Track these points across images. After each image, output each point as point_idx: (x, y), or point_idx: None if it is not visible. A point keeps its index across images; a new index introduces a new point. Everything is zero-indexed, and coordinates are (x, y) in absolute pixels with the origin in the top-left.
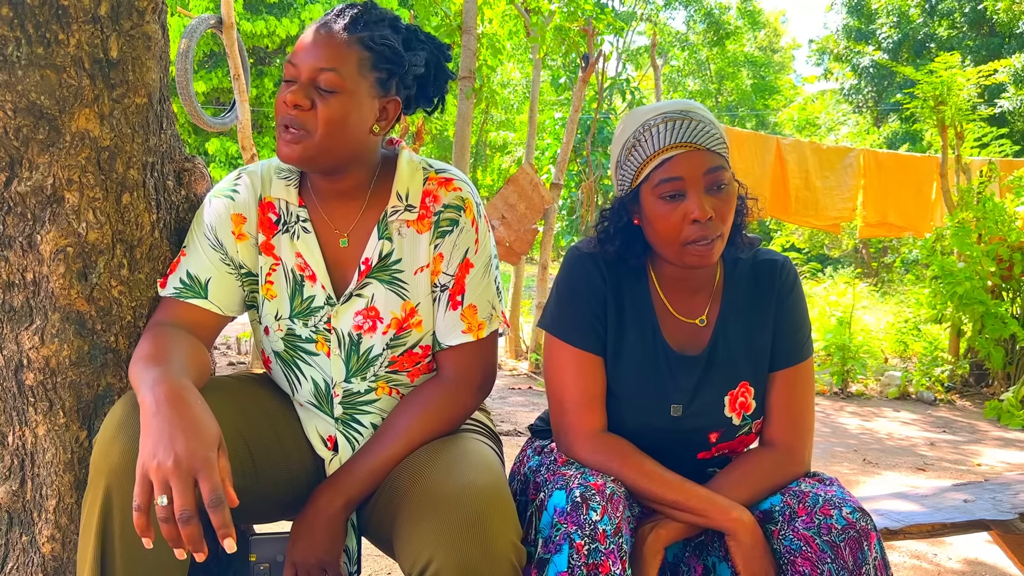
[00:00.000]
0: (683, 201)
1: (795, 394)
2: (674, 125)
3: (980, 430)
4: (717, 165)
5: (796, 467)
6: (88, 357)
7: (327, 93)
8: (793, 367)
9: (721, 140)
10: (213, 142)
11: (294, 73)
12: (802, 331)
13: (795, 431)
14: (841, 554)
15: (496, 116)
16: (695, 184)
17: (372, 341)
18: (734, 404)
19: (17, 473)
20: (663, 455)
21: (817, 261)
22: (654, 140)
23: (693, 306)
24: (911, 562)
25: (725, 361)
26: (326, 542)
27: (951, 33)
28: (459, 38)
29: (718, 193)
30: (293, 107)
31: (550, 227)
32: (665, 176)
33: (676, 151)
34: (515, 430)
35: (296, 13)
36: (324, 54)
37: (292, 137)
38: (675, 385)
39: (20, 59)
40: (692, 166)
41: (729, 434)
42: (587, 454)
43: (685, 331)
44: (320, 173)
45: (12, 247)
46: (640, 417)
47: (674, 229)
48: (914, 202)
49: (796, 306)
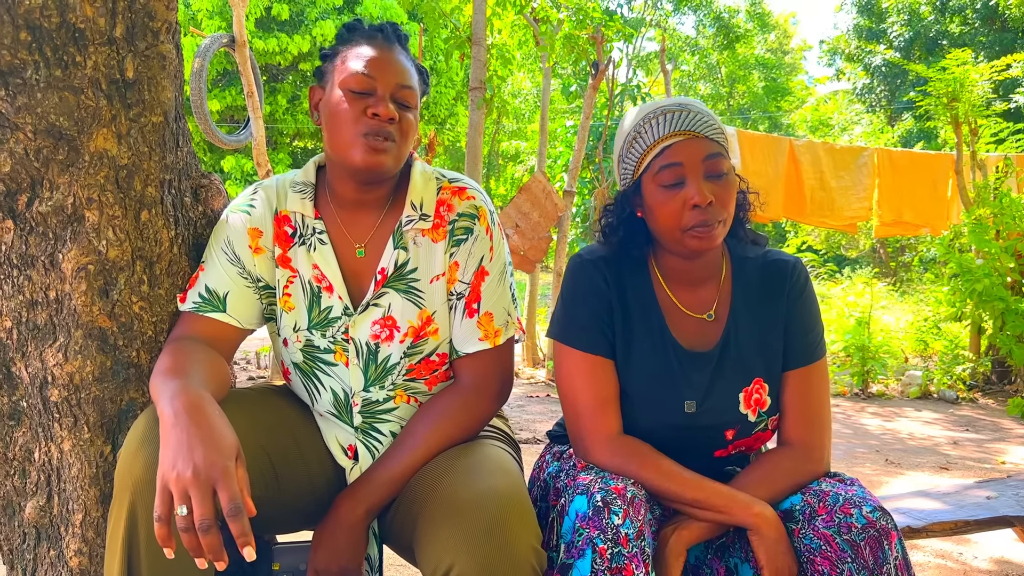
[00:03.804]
0: (683, 188)
1: (811, 393)
2: (673, 116)
3: (1004, 428)
4: (716, 152)
5: (815, 465)
6: (111, 372)
7: (405, 108)
8: (807, 367)
9: (719, 130)
10: (228, 159)
11: (369, 85)
12: (815, 331)
13: (812, 430)
14: (861, 553)
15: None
16: (694, 170)
17: (390, 350)
18: (749, 401)
19: (44, 488)
20: (680, 454)
21: (834, 262)
22: (654, 131)
23: (700, 300)
24: (936, 561)
25: (738, 358)
26: (348, 550)
27: (963, 29)
28: (469, 49)
29: (717, 180)
30: (388, 120)
31: (564, 234)
32: (665, 163)
33: (675, 139)
34: (534, 438)
35: (308, 30)
36: (404, 72)
37: (384, 146)
38: (687, 381)
39: (39, 82)
40: (691, 152)
41: (745, 431)
42: (605, 458)
43: (693, 326)
44: (368, 183)
45: (35, 266)
46: (654, 415)
47: (675, 216)
48: (930, 200)
49: (808, 306)
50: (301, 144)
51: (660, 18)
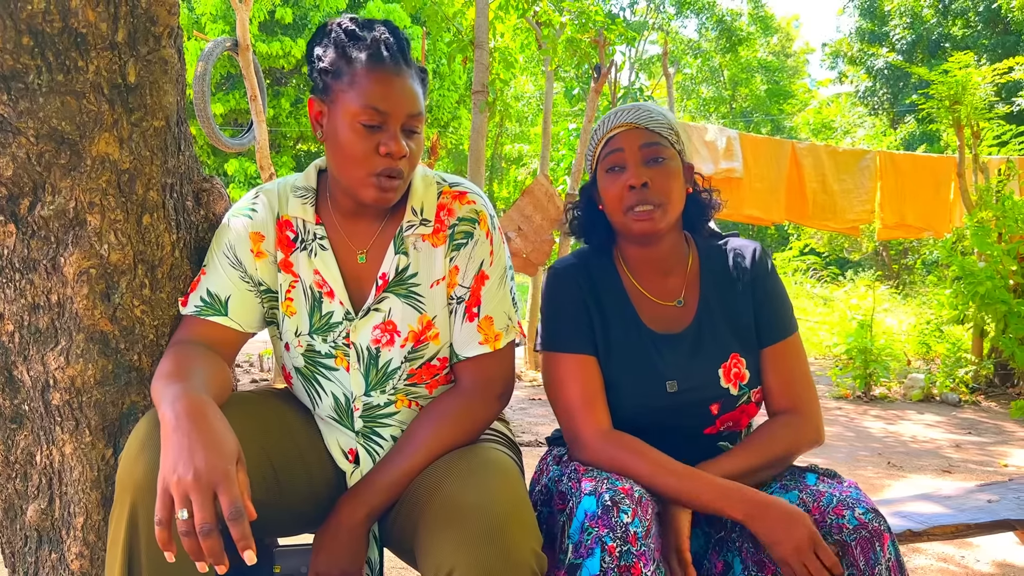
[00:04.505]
0: (623, 172)
1: (790, 364)
2: (622, 112)
3: (1006, 431)
4: (654, 141)
5: (809, 430)
6: (112, 376)
7: (414, 134)
8: (783, 341)
9: (665, 124)
10: (232, 163)
11: (381, 120)
12: (784, 307)
13: (800, 397)
14: (851, 553)
15: (510, 129)
16: (633, 156)
17: (390, 355)
18: (728, 375)
19: (45, 492)
20: (670, 435)
21: (837, 265)
22: (605, 125)
23: (667, 289)
24: (938, 565)
25: (711, 336)
26: (349, 553)
27: (965, 32)
28: (472, 53)
29: (655, 165)
30: (400, 158)
31: (566, 238)
32: (609, 150)
33: (619, 129)
34: (535, 441)
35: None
36: (414, 100)
37: (395, 185)
38: (664, 363)
39: (41, 86)
40: (631, 140)
41: (729, 404)
42: (595, 451)
43: (663, 313)
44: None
45: (36, 270)
46: (639, 399)
47: (617, 198)
48: (932, 203)
49: (775, 285)
50: (304, 147)
51: (662, 21)
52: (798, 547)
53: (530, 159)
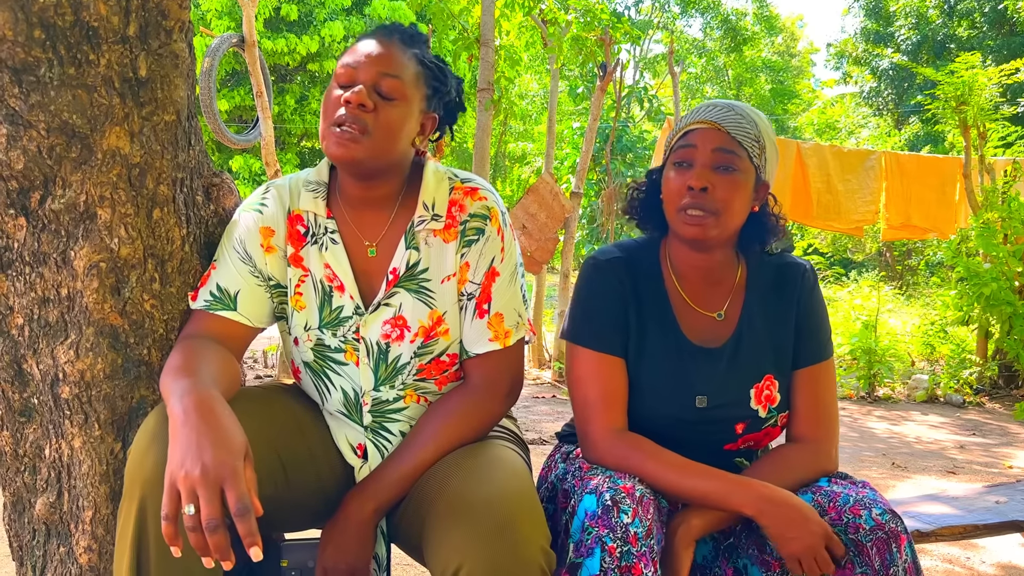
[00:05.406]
0: (690, 169)
1: (820, 390)
2: (710, 108)
3: (1011, 432)
4: (730, 148)
5: (825, 461)
6: (122, 370)
7: (388, 100)
8: (817, 364)
9: (751, 134)
10: (237, 159)
11: (352, 76)
12: (823, 330)
13: (821, 426)
14: (866, 553)
15: (515, 127)
16: (704, 156)
17: (400, 350)
18: (760, 396)
19: (54, 485)
20: (690, 447)
21: (840, 265)
22: (689, 118)
23: (711, 298)
24: (943, 566)
25: (749, 355)
26: (356, 548)
27: (971, 33)
28: (477, 51)
29: (723, 172)
30: (358, 106)
31: (571, 236)
32: (682, 143)
33: (699, 125)
34: (540, 439)
35: (316, 30)
36: (389, 61)
37: (349, 136)
38: (698, 376)
39: (52, 80)
40: (706, 139)
41: (755, 426)
42: (606, 450)
43: (703, 324)
44: (361, 177)
45: (47, 263)
46: (666, 408)
47: (675, 194)
48: (937, 204)
49: (818, 307)
50: (309, 144)
51: (667, 20)
52: (811, 544)
53: (534, 157)
